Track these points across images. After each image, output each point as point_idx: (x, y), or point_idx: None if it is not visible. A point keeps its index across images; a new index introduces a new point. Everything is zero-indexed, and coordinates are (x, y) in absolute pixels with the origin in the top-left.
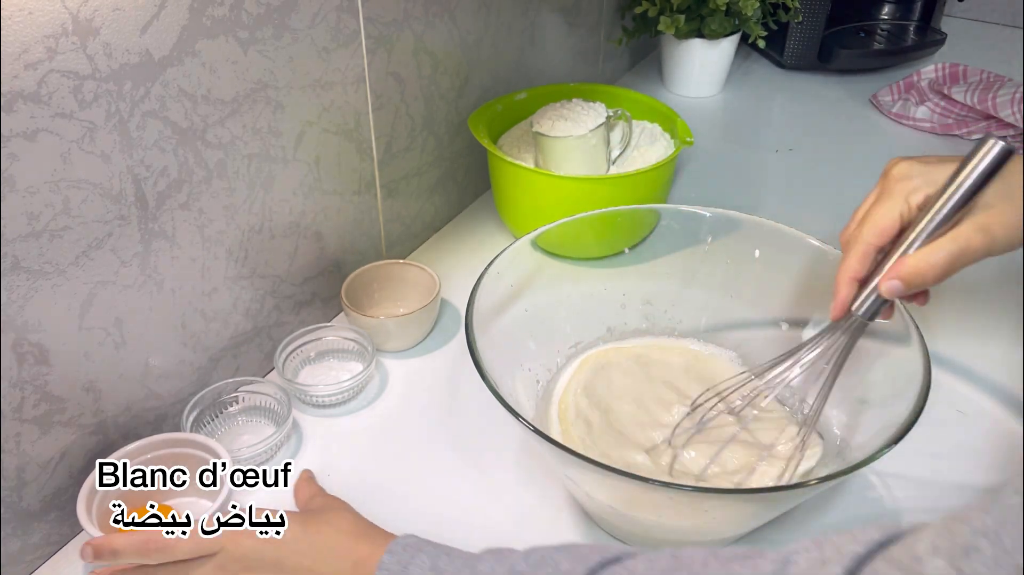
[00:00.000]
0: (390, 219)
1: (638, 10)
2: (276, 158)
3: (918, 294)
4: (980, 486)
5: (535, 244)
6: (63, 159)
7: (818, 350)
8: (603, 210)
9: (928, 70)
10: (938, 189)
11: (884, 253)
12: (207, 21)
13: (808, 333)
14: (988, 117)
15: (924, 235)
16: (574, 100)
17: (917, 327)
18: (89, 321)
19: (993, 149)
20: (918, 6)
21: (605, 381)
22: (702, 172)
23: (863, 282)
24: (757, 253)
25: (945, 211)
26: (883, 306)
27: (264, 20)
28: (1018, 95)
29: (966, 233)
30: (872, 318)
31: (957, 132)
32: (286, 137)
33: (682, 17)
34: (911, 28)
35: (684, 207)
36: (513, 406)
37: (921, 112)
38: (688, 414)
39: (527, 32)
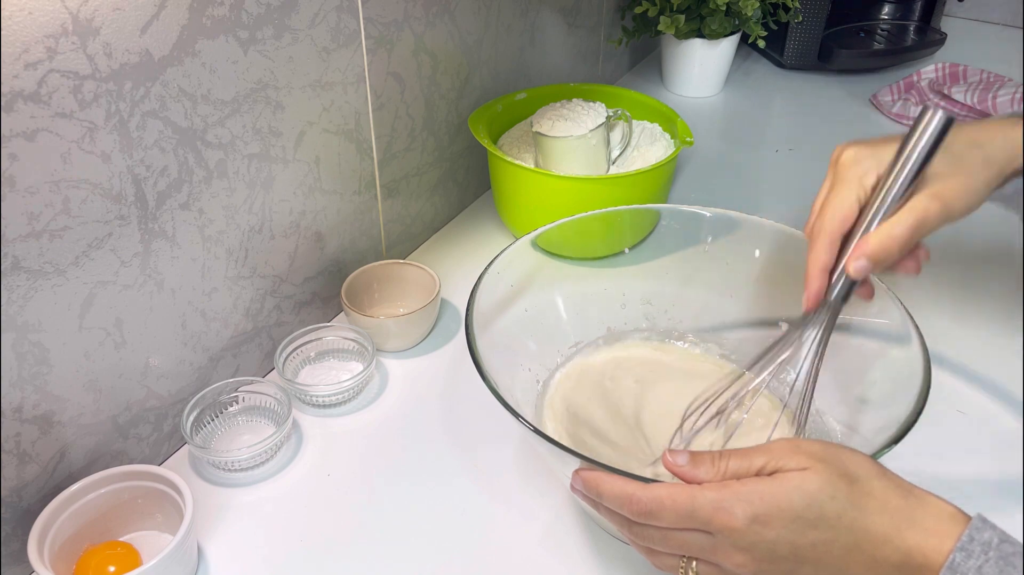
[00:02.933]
0: (390, 219)
1: (638, 10)
2: (276, 158)
3: (909, 262)
4: (981, 486)
5: (535, 244)
6: (63, 159)
7: (801, 343)
8: (603, 210)
9: (928, 70)
10: (888, 167)
11: (847, 238)
12: (207, 21)
13: (808, 333)
14: (988, 117)
15: (882, 212)
16: (574, 100)
17: (917, 327)
18: (89, 321)
19: (935, 119)
20: (918, 6)
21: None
22: (702, 172)
23: (832, 270)
24: (757, 253)
25: (898, 186)
26: (854, 288)
27: (264, 20)
28: (1018, 95)
29: (922, 203)
30: (845, 300)
31: None
32: (286, 137)
33: (682, 17)
34: (911, 28)
35: (684, 207)
36: (513, 406)
37: None
38: (679, 429)
39: (527, 32)
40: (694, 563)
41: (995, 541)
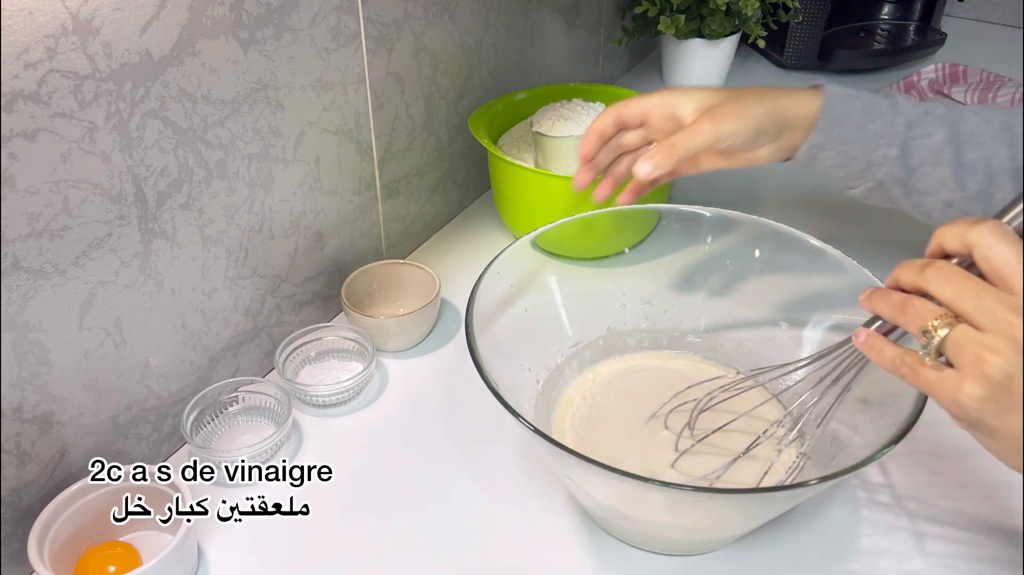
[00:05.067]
0: (390, 219)
1: (638, 10)
2: (276, 158)
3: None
4: (980, 486)
5: (535, 244)
6: (63, 159)
7: (824, 368)
8: (603, 210)
9: (928, 70)
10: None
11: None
12: (207, 21)
13: (808, 333)
14: None
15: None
16: (574, 100)
17: None
18: (89, 321)
19: None
20: (918, 6)
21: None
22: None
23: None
24: (757, 253)
25: None
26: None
27: (264, 20)
28: (1018, 95)
29: (698, 121)
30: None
31: None
32: (286, 137)
33: (682, 17)
34: (911, 28)
35: (684, 207)
36: (513, 406)
37: None
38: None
39: (527, 32)
40: (943, 334)
41: None
